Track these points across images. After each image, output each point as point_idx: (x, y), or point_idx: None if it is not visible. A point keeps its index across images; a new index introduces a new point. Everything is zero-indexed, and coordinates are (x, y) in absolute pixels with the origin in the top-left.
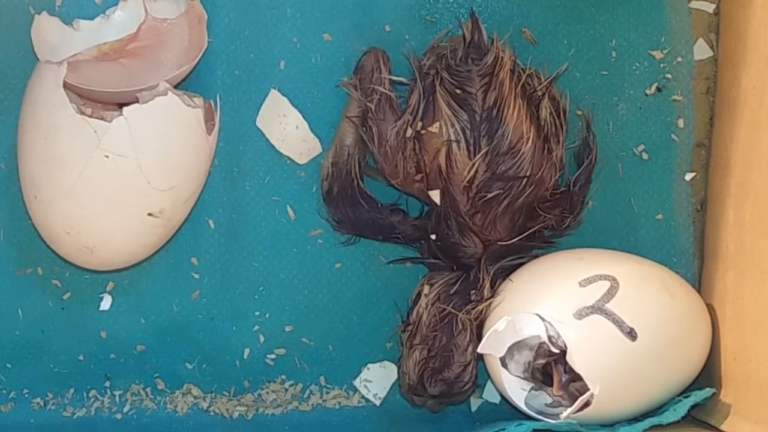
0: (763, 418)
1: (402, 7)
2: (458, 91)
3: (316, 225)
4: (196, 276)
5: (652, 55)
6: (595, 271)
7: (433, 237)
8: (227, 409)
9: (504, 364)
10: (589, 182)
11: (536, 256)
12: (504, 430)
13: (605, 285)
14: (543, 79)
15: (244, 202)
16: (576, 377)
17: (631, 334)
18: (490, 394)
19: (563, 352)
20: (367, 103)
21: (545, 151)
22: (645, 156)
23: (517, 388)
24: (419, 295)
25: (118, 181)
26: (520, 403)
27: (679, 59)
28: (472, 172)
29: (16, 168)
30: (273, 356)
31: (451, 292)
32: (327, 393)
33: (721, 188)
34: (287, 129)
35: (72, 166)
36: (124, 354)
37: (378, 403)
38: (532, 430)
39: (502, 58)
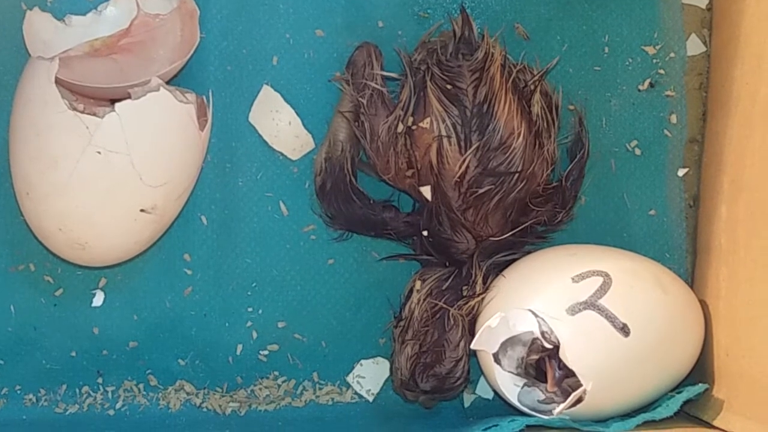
0: (756, 413)
1: (395, 4)
2: (449, 87)
3: (309, 221)
4: (189, 272)
5: (645, 51)
6: (588, 266)
7: (425, 233)
8: (220, 405)
9: (497, 360)
10: (581, 177)
11: (529, 252)
12: (497, 425)
13: (598, 281)
14: (535, 75)
15: (237, 198)
16: (569, 373)
17: (624, 330)
18: (483, 390)
19: (556, 348)
20: (359, 99)
21: (537, 146)
22: (638, 152)
23: (510, 384)
24: (411, 290)
25: (111, 177)
26: (513, 399)
27: (672, 55)
28: (463, 167)
29: (8, 164)
30: (266, 352)
31: (444, 287)
32: (320, 389)
33: (714, 184)
34: (280, 125)
35: (64, 163)
36: (116, 350)
37: (371, 399)
38: (525, 426)
39: (493, 53)
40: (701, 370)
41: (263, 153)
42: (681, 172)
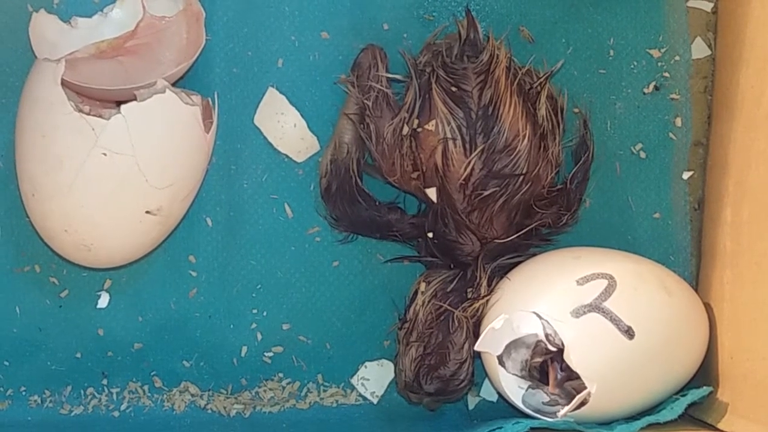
0: (760, 416)
1: (400, 6)
2: (454, 89)
3: (314, 223)
4: (194, 274)
5: (650, 54)
6: (593, 269)
7: (430, 235)
8: (225, 407)
9: (501, 362)
10: (586, 180)
11: (533, 255)
12: (501, 428)
13: (602, 283)
14: (540, 77)
15: (242, 200)
16: (573, 375)
17: (629, 333)
18: (487, 393)
19: (560, 351)
20: (365, 101)
21: (542, 148)
22: (643, 155)
23: (514, 387)
24: (416, 292)
25: (116, 178)
26: (518, 402)
27: (677, 58)
28: (468, 169)
29: (14, 166)
30: (270, 354)
31: (448, 289)
32: (324, 391)
33: (718, 187)
34: (285, 127)
35: (70, 164)
36: (121, 352)
37: (375, 401)
38: (530, 429)
39: (498, 55)
40: (705, 372)
41: (268, 155)
42: (686, 175)
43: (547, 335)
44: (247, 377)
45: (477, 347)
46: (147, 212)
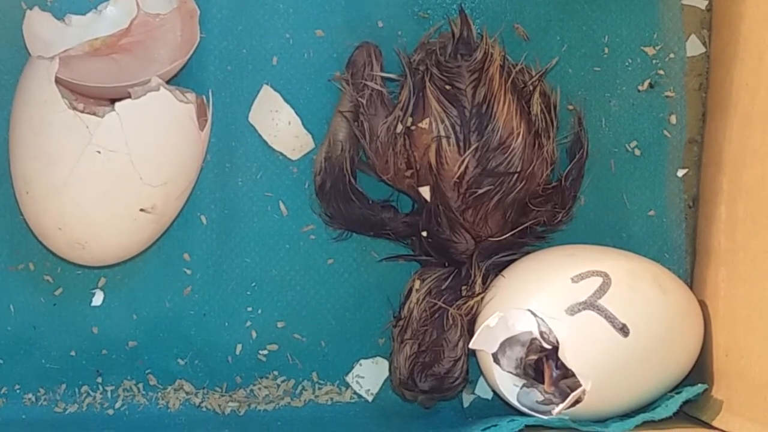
0: (755, 414)
1: (395, 4)
2: (448, 87)
3: (308, 221)
4: (188, 272)
5: (645, 52)
6: (588, 267)
7: (425, 234)
8: (219, 405)
9: (496, 360)
10: (580, 177)
11: (528, 252)
12: (496, 426)
13: (597, 281)
14: (534, 75)
15: (237, 198)
16: (568, 373)
17: (624, 330)
18: (482, 390)
19: (555, 348)
20: (359, 99)
21: (536, 146)
22: (637, 152)
23: (509, 384)
24: (411, 290)
25: (110, 176)
26: (513, 399)
27: (672, 55)
28: (462, 167)
29: (8, 164)
30: (265, 352)
31: (443, 287)
32: (319, 389)
33: (713, 185)
34: (280, 125)
35: (64, 162)
36: (116, 350)
37: (370, 399)
38: (525, 426)
39: (492, 53)
40: (700, 370)
41: (263, 153)
42: (680, 173)
43: (541, 333)
44: (241, 375)
45: (472, 345)
46: (141, 210)
